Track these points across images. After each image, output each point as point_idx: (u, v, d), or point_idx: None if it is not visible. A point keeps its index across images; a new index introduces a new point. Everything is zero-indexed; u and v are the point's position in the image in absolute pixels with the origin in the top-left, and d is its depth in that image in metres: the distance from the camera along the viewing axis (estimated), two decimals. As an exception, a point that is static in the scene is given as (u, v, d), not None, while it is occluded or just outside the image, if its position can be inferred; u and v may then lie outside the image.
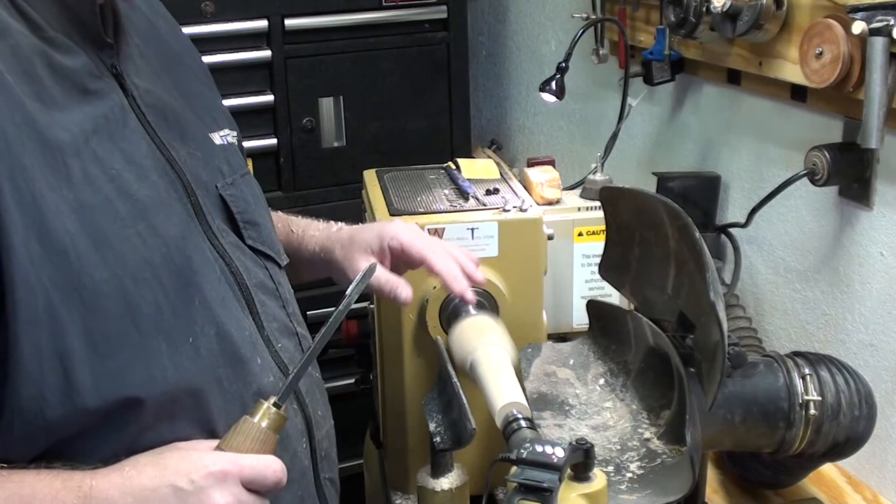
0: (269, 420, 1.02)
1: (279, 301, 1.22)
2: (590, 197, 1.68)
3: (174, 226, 1.07)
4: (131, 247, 1.01)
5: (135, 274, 1.00)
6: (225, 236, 1.15)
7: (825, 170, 1.51)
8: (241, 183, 1.23)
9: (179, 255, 1.06)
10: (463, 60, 2.42)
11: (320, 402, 1.26)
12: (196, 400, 1.05)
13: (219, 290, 1.10)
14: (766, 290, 1.78)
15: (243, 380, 1.10)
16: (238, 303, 1.13)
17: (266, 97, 2.27)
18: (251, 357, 1.12)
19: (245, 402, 1.08)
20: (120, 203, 1.01)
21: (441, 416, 1.20)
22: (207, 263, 1.10)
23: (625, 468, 1.21)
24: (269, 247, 1.24)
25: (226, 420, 1.06)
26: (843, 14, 1.40)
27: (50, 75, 1.00)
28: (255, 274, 1.18)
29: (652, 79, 1.90)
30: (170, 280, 1.03)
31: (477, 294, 1.41)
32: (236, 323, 1.11)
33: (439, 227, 1.41)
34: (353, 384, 1.81)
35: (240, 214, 1.19)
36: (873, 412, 1.34)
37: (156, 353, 1.01)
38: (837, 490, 1.53)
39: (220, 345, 1.08)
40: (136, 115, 1.09)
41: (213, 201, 1.16)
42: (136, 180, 1.04)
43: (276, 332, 1.18)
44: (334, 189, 2.36)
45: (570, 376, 1.37)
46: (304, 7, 2.26)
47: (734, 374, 1.31)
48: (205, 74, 1.34)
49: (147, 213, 1.04)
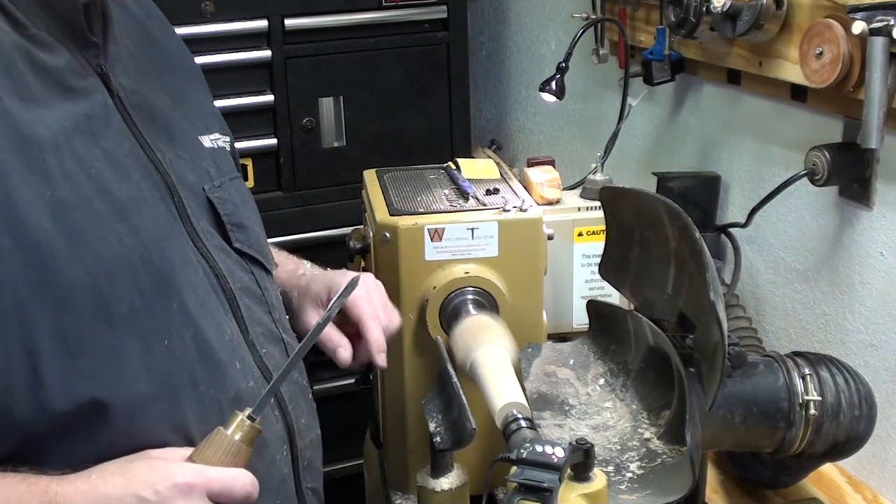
0: (242, 432, 1.02)
1: (265, 306, 1.21)
2: (590, 197, 1.68)
3: (155, 226, 1.06)
4: (108, 245, 1.00)
5: (110, 273, 0.99)
6: (210, 239, 1.15)
7: (825, 170, 1.51)
8: (229, 186, 1.22)
9: (159, 255, 1.05)
10: (463, 60, 2.41)
11: (305, 410, 1.25)
12: (170, 403, 1.04)
13: (199, 292, 1.09)
14: (766, 290, 1.78)
15: (221, 384, 1.09)
16: (221, 305, 1.12)
17: (266, 97, 2.27)
18: (230, 361, 1.10)
19: (222, 407, 1.07)
20: (98, 201, 1.01)
21: (441, 416, 1.20)
22: (189, 265, 1.09)
23: (625, 468, 1.21)
24: (257, 250, 1.23)
25: (202, 426, 1.05)
26: (843, 14, 1.40)
27: (31, 72, 1.00)
28: (240, 278, 1.18)
29: (652, 79, 1.90)
30: (147, 280, 1.03)
31: (477, 294, 1.41)
32: (216, 326, 1.10)
33: (439, 227, 1.41)
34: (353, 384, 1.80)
35: (227, 217, 1.19)
36: (873, 412, 1.34)
37: (128, 353, 1.00)
38: (837, 490, 1.53)
39: (197, 348, 1.07)
40: (120, 115, 1.09)
41: (199, 203, 1.16)
42: (117, 179, 1.04)
43: (260, 337, 1.17)
44: (334, 189, 2.36)
45: (570, 376, 1.37)
46: (304, 7, 2.25)
47: (734, 374, 1.31)
48: (198, 78, 1.34)
49: (126, 212, 1.03)
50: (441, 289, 1.39)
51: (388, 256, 1.42)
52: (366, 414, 1.72)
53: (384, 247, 1.42)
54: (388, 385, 1.48)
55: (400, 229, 1.41)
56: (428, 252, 1.41)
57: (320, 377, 2.40)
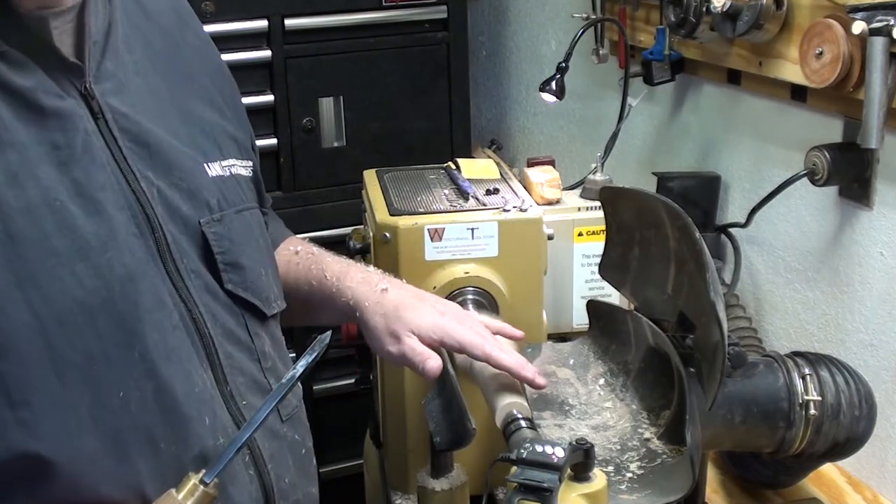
0: (193, 498, 0.97)
1: (252, 354, 1.12)
2: (590, 197, 1.68)
3: (122, 266, 0.98)
4: (62, 287, 0.93)
5: (62, 317, 0.93)
6: (194, 279, 1.06)
7: (825, 170, 1.51)
8: (233, 219, 1.13)
9: (123, 299, 0.98)
10: (463, 60, 2.42)
11: (291, 467, 1.15)
12: (120, 460, 0.97)
13: (169, 339, 1.01)
14: (766, 290, 1.78)
15: (184, 441, 1.01)
16: (196, 354, 1.04)
17: (266, 97, 2.27)
18: (197, 416, 1.03)
19: (183, 465, 1.01)
20: (58, 238, 0.94)
21: (441, 416, 1.19)
22: (161, 309, 1.01)
23: (625, 468, 1.21)
24: (254, 293, 1.13)
25: (159, 484, 0.99)
26: (843, 14, 1.40)
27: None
28: (225, 322, 1.09)
29: (652, 79, 1.90)
30: (106, 326, 0.96)
31: (477, 294, 1.41)
32: (184, 377, 1.02)
33: (439, 227, 1.41)
34: (353, 384, 1.80)
35: (221, 255, 1.09)
36: (873, 412, 1.34)
37: (77, 406, 0.94)
38: (837, 490, 1.53)
39: (158, 401, 1.00)
40: (103, 140, 1.01)
41: (190, 239, 1.07)
42: (84, 214, 0.97)
43: (241, 388, 1.09)
44: (334, 189, 2.36)
45: (570, 376, 1.37)
46: (304, 7, 2.26)
47: (734, 374, 1.30)
48: (222, 98, 1.22)
49: (90, 251, 0.96)
50: (441, 289, 1.39)
51: (388, 256, 1.42)
52: (366, 414, 1.72)
53: (384, 247, 1.42)
54: (388, 385, 1.48)
55: (400, 229, 1.41)
56: (428, 252, 1.41)
57: (320, 377, 2.40)
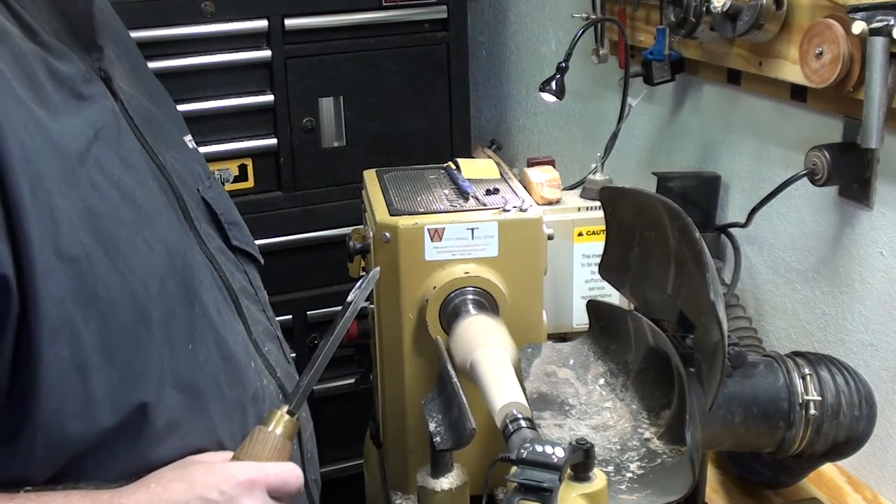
0: (283, 428, 1.03)
1: (259, 305, 1.22)
2: (590, 197, 1.68)
3: (173, 231, 1.06)
4: (139, 254, 1.00)
5: (145, 281, 0.99)
6: (211, 241, 1.15)
7: (825, 170, 1.51)
8: (215, 185, 1.23)
9: (180, 261, 1.05)
10: (463, 60, 2.42)
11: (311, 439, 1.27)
12: (199, 406, 1.04)
13: (214, 295, 1.10)
14: (766, 290, 1.78)
15: (241, 385, 1.10)
16: (229, 308, 1.13)
17: (266, 97, 2.27)
18: (246, 362, 1.11)
19: (244, 407, 1.08)
20: (125, 209, 1.00)
21: (441, 416, 1.19)
22: (202, 269, 1.10)
23: (625, 468, 1.21)
24: (251, 246, 1.25)
25: (228, 427, 1.05)
26: (843, 14, 1.40)
27: (49, 81, 0.98)
28: (238, 279, 1.18)
29: (652, 79, 1.90)
30: (174, 287, 1.03)
31: (476, 294, 1.41)
32: (231, 328, 1.10)
33: (439, 227, 1.41)
34: (353, 384, 1.80)
35: (223, 216, 1.19)
36: (873, 412, 1.34)
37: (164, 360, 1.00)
38: (837, 490, 1.53)
39: (219, 351, 1.07)
40: (126, 120, 1.08)
41: (197, 205, 1.16)
42: (137, 185, 1.03)
43: (262, 336, 1.18)
44: (334, 189, 2.36)
45: (570, 376, 1.37)
46: (304, 7, 2.26)
47: (734, 374, 1.31)
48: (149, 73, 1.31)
49: (150, 218, 1.03)
50: (441, 289, 1.39)
51: (388, 256, 1.42)
52: (366, 414, 1.72)
53: (384, 247, 1.42)
54: (388, 385, 1.48)
55: (400, 229, 1.41)
56: (428, 252, 1.41)
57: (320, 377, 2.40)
